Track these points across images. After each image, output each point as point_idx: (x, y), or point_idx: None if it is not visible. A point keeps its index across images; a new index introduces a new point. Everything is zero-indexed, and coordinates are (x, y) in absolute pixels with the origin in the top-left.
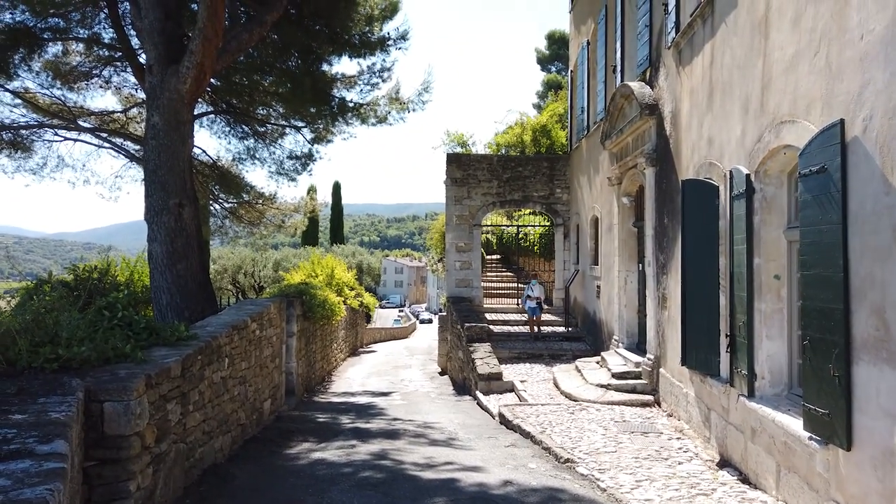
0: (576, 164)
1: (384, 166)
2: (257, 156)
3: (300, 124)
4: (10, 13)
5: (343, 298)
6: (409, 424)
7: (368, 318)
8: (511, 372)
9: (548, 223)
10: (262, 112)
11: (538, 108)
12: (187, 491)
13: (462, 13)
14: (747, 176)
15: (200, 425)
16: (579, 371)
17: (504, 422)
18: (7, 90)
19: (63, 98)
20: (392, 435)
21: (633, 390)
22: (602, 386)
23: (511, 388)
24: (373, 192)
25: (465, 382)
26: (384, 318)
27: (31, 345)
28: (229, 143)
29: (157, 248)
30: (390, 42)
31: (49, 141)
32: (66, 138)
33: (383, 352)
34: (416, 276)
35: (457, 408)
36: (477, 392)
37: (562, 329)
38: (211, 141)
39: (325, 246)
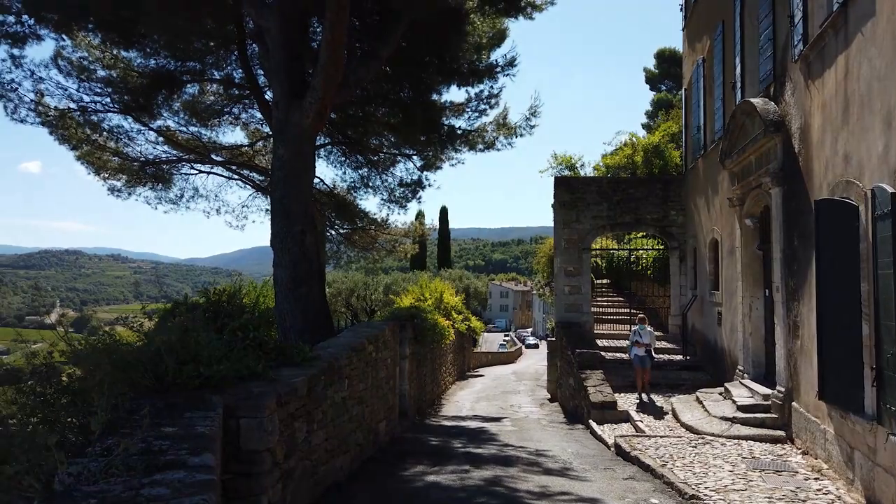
0: (692, 184)
1: (488, 191)
2: (370, 184)
3: (410, 152)
4: (154, 59)
5: (451, 322)
6: (521, 451)
7: (474, 342)
8: (625, 401)
9: (661, 247)
10: (375, 142)
11: (647, 127)
12: None
13: (567, 36)
14: (893, 195)
15: (323, 444)
16: (700, 402)
17: (620, 453)
18: (151, 129)
19: (199, 134)
20: (505, 462)
21: (761, 425)
22: (727, 419)
23: (626, 418)
24: (477, 216)
25: (576, 410)
26: (490, 342)
27: (177, 363)
28: (344, 172)
29: (282, 273)
30: (498, 69)
31: (186, 174)
32: (200, 171)
33: (490, 376)
34: (521, 301)
35: (569, 436)
36: (590, 421)
37: (679, 357)
38: (328, 170)
39: (432, 270)
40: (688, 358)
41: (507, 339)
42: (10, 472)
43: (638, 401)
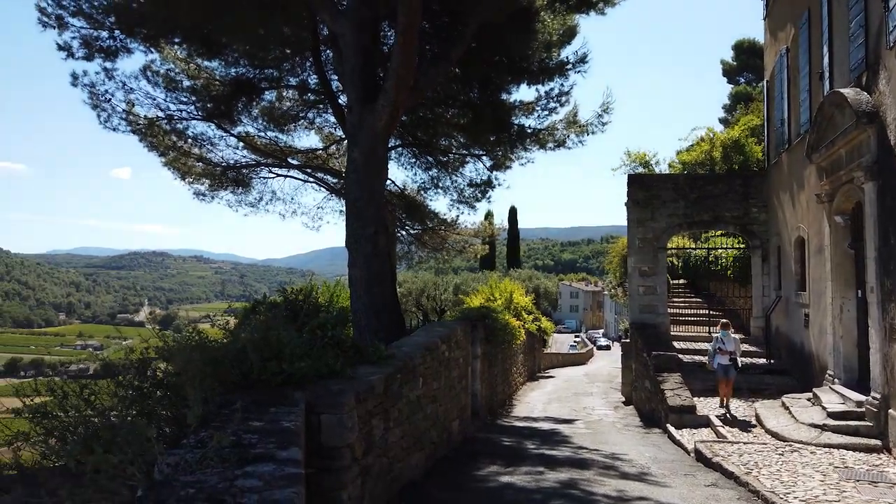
0: (775, 180)
1: (557, 190)
2: (440, 184)
3: (480, 152)
4: (235, 68)
5: (522, 322)
6: (596, 454)
7: (544, 343)
8: (704, 405)
9: (742, 245)
10: (444, 143)
11: (725, 122)
12: None
13: (638, 29)
14: None
15: (399, 441)
16: (787, 408)
17: (701, 458)
18: (232, 135)
19: (276, 139)
20: (580, 464)
21: (854, 433)
22: (816, 426)
23: (706, 423)
24: (546, 216)
25: (652, 414)
26: (559, 343)
27: (261, 360)
28: (415, 173)
29: (357, 273)
30: (569, 66)
31: (264, 178)
32: (278, 175)
33: (561, 377)
34: (591, 301)
35: (646, 440)
36: (667, 425)
37: (762, 361)
38: (398, 172)
39: (501, 270)
40: (771, 362)
41: (577, 340)
42: (115, 460)
43: (723, 414)
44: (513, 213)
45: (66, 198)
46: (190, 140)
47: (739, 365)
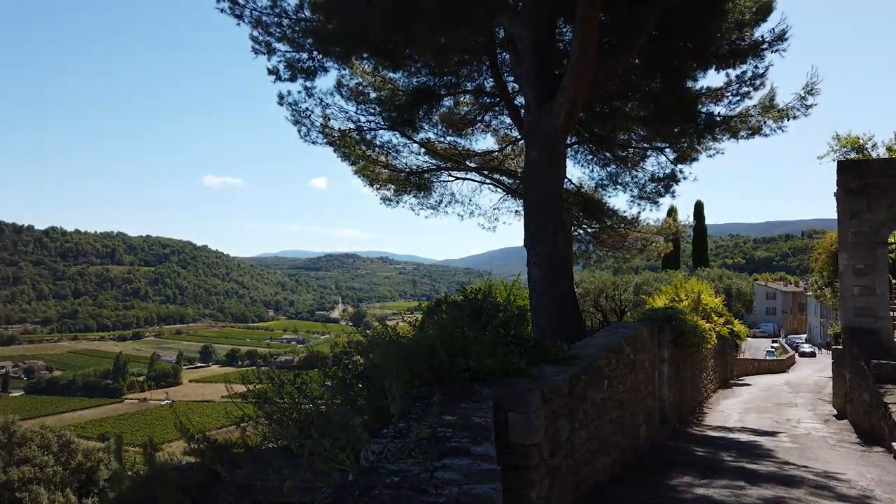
0: None
1: (748, 182)
2: (619, 181)
3: (662, 145)
4: (416, 78)
5: (712, 325)
6: (805, 472)
7: (737, 348)
8: None
9: None
10: (623, 137)
11: None
12: None
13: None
14: None
15: (585, 444)
16: None
17: None
18: (414, 141)
19: (454, 143)
20: (786, 481)
21: None
22: None
23: None
24: (735, 210)
25: (873, 430)
26: (754, 348)
27: (449, 356)
28: (592, 170)
29: (536, 272)
30: (764, 46)
31: (444, 181)
32: (456, 177)
33: (758, 386)
34: (791, 303)
35: (865, 459)
36: (893, 444)
37: None
38: (574, 169)
39: (686, 269)
40: None
41: (775, 345)
42: (328, 445)
43: None
44: (699, 207)
45: (273, 206)
46: (377, 148)
47: None
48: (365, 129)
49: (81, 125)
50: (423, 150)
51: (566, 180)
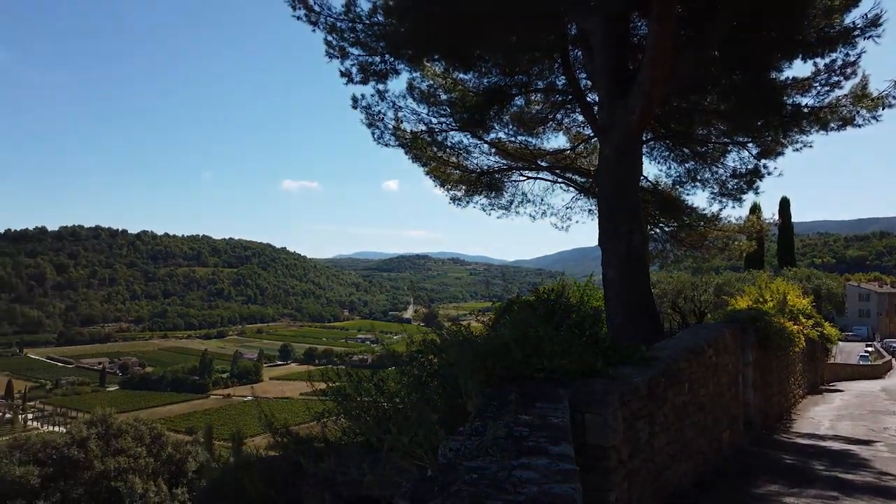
0: None
1: (836, 177)
2: (698, 177)
3: (744, 139)
4: (487, 78)
5: (800, 327)
6: None
7: (827, 352)
8: None
9: None
10: (701, 132)
11: None
12: None
13: None
14: None
15: (665, 448)
16: None
17: None
18: (485, 142)
19: (526, 143)
20: (886, 493)
21: None
22: None
23: None
24: (823, 207)
25: None
26: (846, 352)
27: (523, 355)
28: (668, 167)
29: (611, 272)
30: (856, 32)
31: (515, 181)
32: (528, 177)
33: (851, 392)
34: (887, 305)
35: None
36: None
37: None
38: (650, 167)
39: (771, 269)
40: None
41: (869, 349)
42: (406, 441)
43: None
44: (784, 204)
45: (348, 209)
46: (448, 149)
47: None
48: (436, 130)
49: (172, 137)
50: (493, 150)
51: (642, 178)
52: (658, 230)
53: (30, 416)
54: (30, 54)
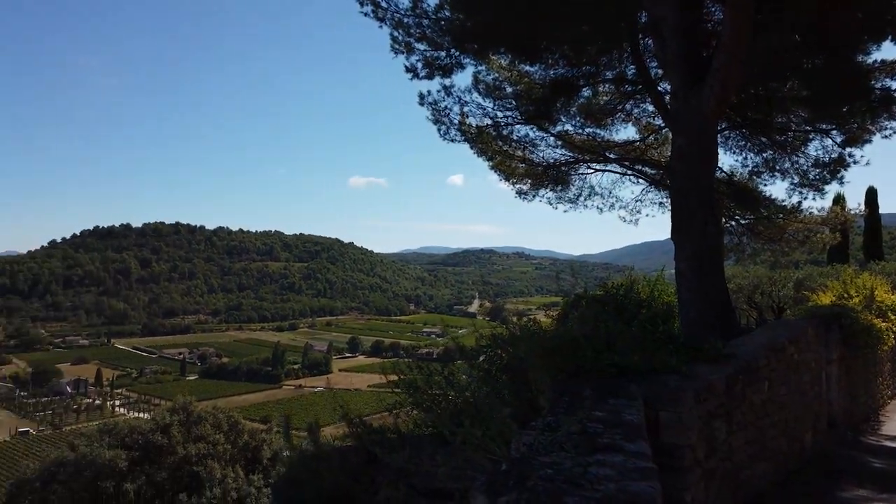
0: None
1: None
2: (776, 167)
3: (827, 127)
4: (553, 70)
5: (889, 324)
6: None
7: None
8: None
9: None
10: (781, 120)
11: None
12: None
13: None
14: None
15: (743, 447)
16: None
17: None
18: (551, 134)
19: (594, 135)
20: None
21: None
22: None
23: None
24: None
25: None
26: None
27: (593, 350)
28: (745, 157)
29: (684, 266)
30: None
31: (582, 174)
32: (595, 170)
33: None
34: None
35: None
36: None
37: None
38: (725, 157)
39: (857, 263)
40: None
41: None
42: (479, 434)
43: None
44: (871, 195)
45: (413, 204)
46: (514, 143)
47: None
48: (502, 124)
49: (246, 136)
50: (560, 142)
51: (716, 168)
52: (734, 223)
53: (117, 402)
54: (106, 56)
